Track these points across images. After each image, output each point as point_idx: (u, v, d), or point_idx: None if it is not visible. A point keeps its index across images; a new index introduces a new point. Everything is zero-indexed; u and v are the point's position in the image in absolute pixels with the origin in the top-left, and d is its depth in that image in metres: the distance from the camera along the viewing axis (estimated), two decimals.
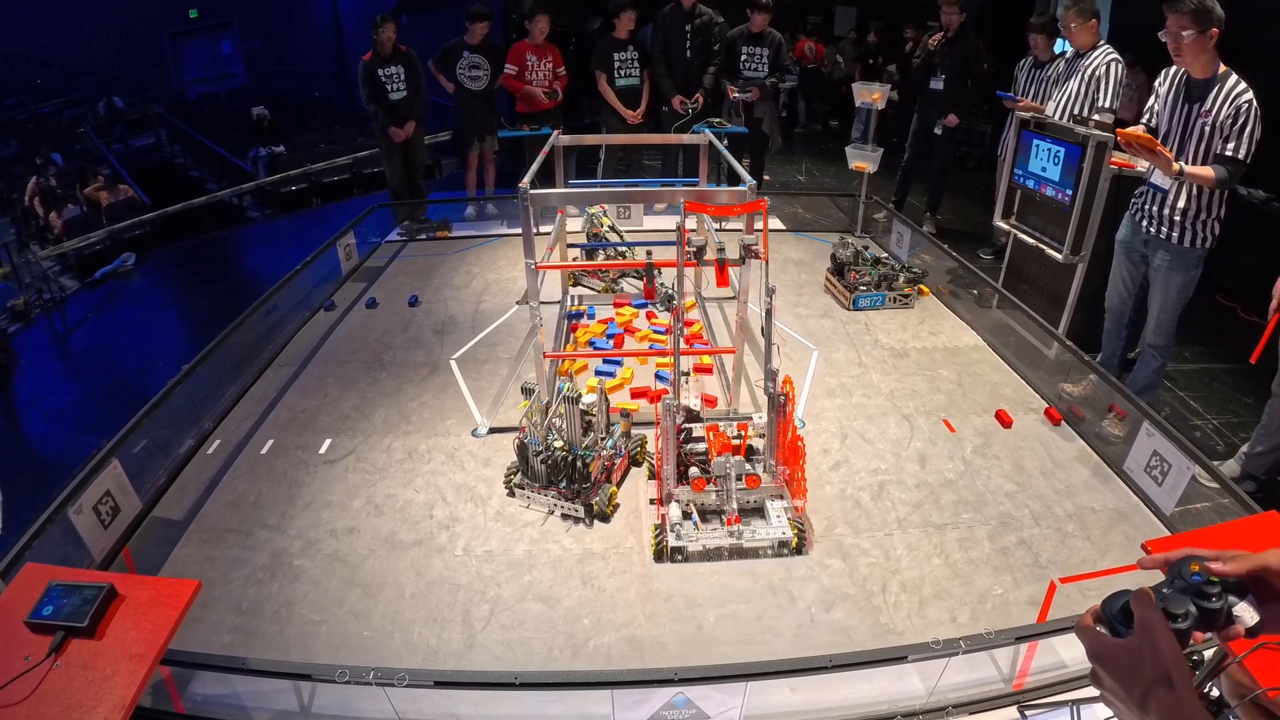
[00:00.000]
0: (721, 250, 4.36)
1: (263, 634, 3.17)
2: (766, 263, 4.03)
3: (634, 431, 4.27)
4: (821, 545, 3.62)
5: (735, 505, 3.65)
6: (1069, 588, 3.27)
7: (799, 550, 3.58)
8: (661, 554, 3.55)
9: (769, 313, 3.79)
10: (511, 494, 3.94)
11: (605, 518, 3.76)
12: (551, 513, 3.81)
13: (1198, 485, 3.74)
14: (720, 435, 3.87)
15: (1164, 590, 0.97)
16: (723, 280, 4.35)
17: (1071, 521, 3.80)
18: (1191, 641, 0.94)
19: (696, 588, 3.37)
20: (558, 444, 3.76)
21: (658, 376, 4.97)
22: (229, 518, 3.86)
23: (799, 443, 3.67)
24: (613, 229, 6.65)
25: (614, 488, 3.90)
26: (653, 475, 3.99)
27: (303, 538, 3.69)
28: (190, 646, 2.96)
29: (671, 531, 3.55)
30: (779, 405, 3.64)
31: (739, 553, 3.58)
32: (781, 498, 3.73)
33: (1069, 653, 3.00)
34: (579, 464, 3.73)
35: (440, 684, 2.66)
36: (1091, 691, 2.88)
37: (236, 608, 3.30)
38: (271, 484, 4.11)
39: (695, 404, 4.13)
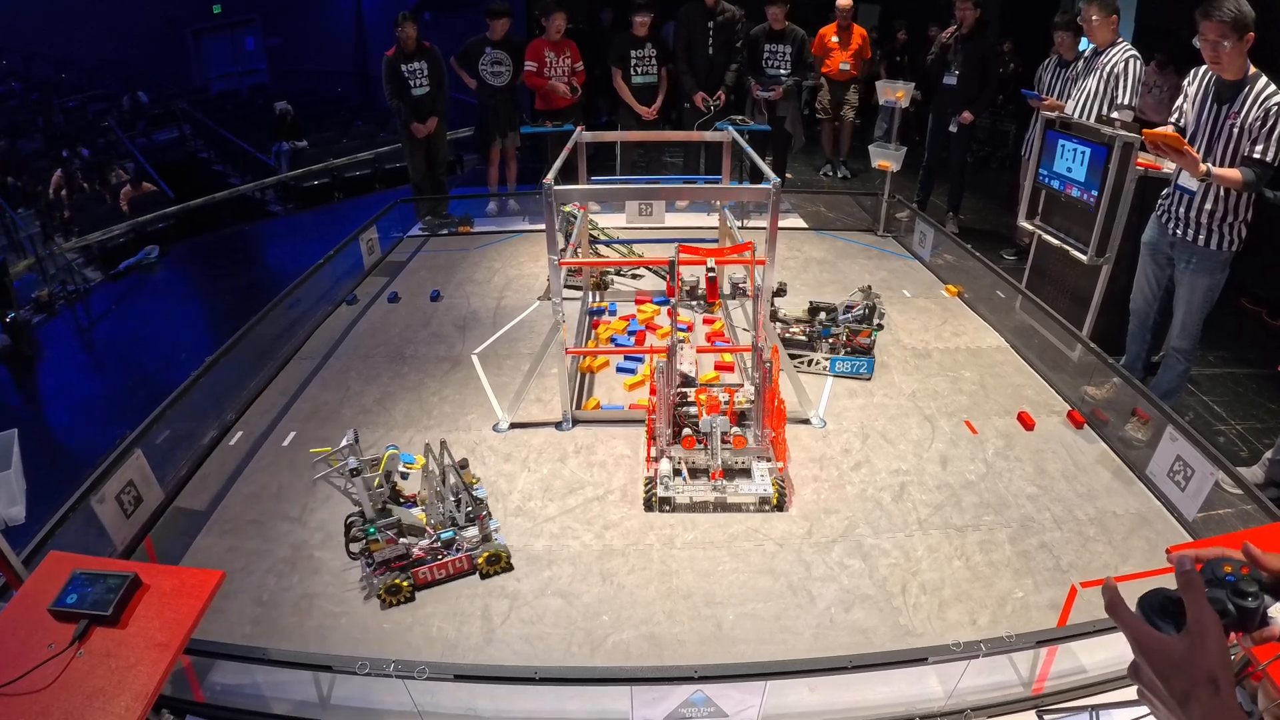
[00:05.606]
0: (713, 273, 4.48)
1: (283, 625, 3.19)
2: (754, 299, 4.21)
3: (496, 536, 3.53)
4: (842, 545, 3.61)
5: (720, 461, 3.89)
6: (1090, 592, 3.24)
7: (779, 507, 3.82)
8: (650, 504, 3.82)
9: (758, 291, 4.23)
10: None
11: (381, 600, 3.26)
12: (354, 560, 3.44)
13: (1221, 491, 3.69)
14: (710, 398, 4.11)
15: None
16: (713, 296, 4.50)
17: (1093, 525, 3.77)
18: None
19: (716, 586, 3.37)
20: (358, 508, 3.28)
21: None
22: (250, 509, 3.89)
23: (782, 406, 3.95)
24: (595, 226, 6.66)
25: (402, 581, 3.24)
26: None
27: (323, 530, 3.71)
28: (211, 636, 2.97)
29: (660, 484, 3.82)
30: (765, 373, 3.92)
31: (723, 506, 3.85)
32: (767, 460, 3.97)
33: (1089, 657, 2.98)
34: (355, 533, 3.28)
35: (460, 677, 2.67)
36: (1110, 696, 2.89)
37: (257, 598, 3.32)
38: (293, 476, 4.13)
39: (689, 370, 4.47)
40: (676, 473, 3.90)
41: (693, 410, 4.15)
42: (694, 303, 5.97)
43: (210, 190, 11.10)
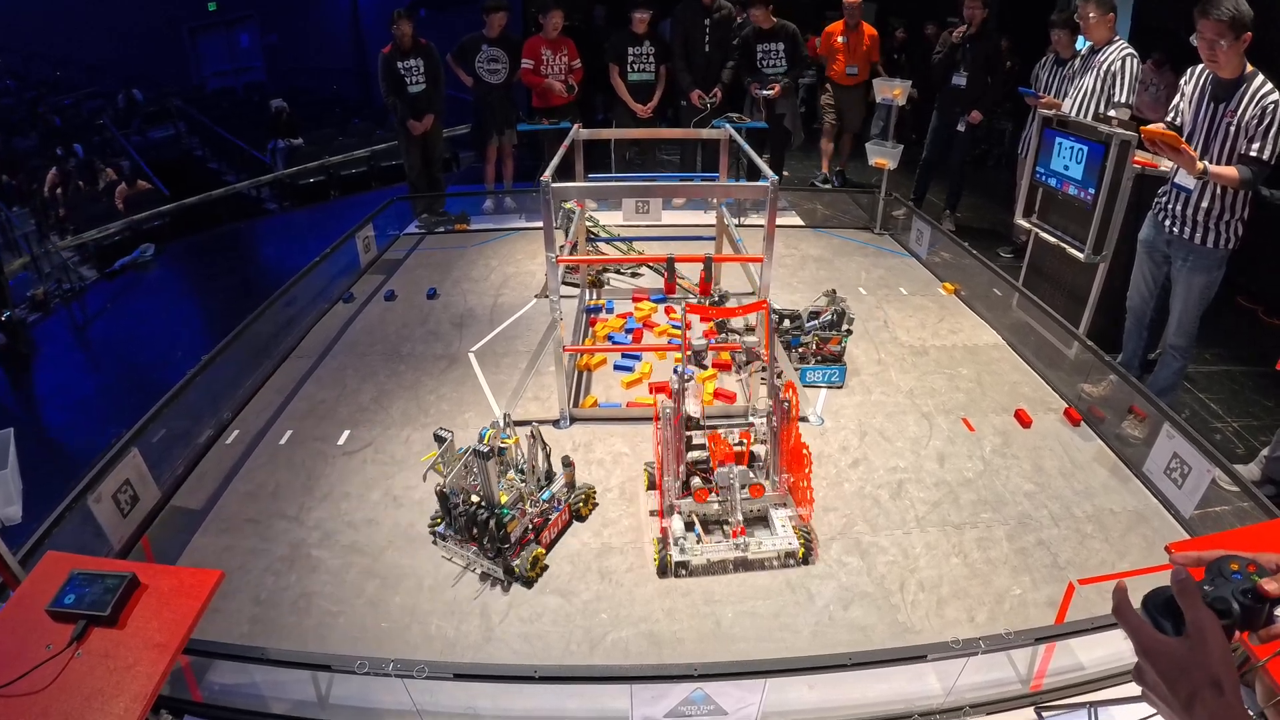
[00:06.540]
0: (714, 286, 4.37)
1: (281, 624, 3.19)
2: (768, 341, 3.97)
3: (580, 482, 3.81)
4: (840, 543, 3.61)
5: (740, 517, 3.53)
6: (1087, 589, 3.25)
7: (805, 560, 3.49)
8: (665, 569, 3.42)
9: (771, 328, 3.94)
10: (434, 541, 3.55)
11: (528, 582, 3.33)
12: (469, 568, 3.43)
13: (1217, 488, 3.69)
14: (722, 443, 3.72)
15: (1205, 588, 0.95)
16: (704, 290, 4.38)
17: (1090, 523, 3.78)
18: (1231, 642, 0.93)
19: (714, 584, 3.37)
20: (474, 499, 3.34)
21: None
22: (247, 508, 3.88)
23: (804, 450, 3.53)
24: (595, 223, 6.65)
25: (540, 549, 3.40)
26: (652, 486, 3.86)
27: (321, 529, 3.71)
28: (209, 636, 2.97)
29: (675, 545, 3.42)
30: (783, 411, 3.55)
31: (744, 565, 3.48)
32: (786, 506, 3.64)
33: (1087, 654, 2.99)
34: (494, 524, 3.28)
35: (459, 676, 2.66)
36: (1108, 694, 2.89)
37: (255, 598, 3.31)
38: (290, 474, 4.12)
39: (695, 410, 3.85)
40: (689, 528, 3.52)
41: (702, 456, 3.75)
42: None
43: (206, 188, 11.06)
